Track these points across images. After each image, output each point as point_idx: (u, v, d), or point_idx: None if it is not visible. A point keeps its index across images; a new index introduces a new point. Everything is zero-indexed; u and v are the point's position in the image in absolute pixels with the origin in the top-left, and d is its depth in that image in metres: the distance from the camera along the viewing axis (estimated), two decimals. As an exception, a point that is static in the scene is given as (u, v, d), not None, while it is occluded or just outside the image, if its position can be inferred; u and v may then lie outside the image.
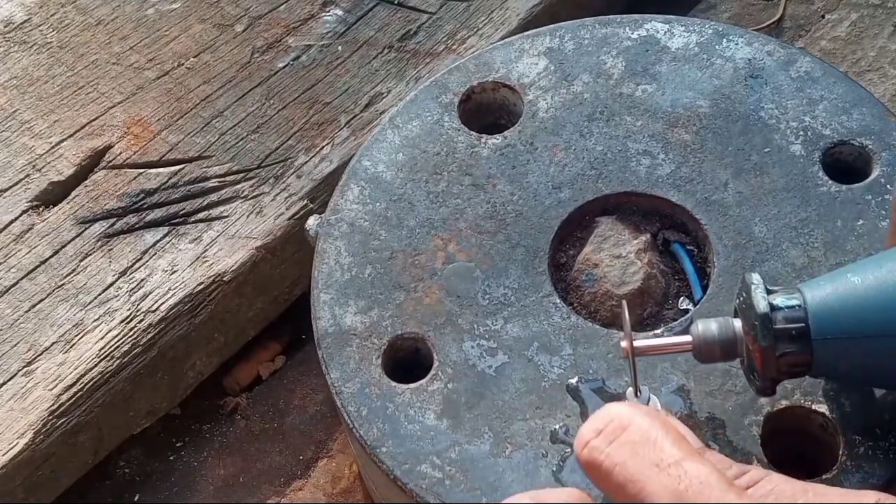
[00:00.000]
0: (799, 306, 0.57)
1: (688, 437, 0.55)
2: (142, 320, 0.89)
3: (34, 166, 0.99)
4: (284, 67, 1.05)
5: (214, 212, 0.95)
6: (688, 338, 0.61)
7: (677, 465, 0.48)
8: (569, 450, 0.64)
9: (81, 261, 0.93)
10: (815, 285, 0.59)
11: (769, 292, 0.58)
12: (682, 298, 0.72)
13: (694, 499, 0.47)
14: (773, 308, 0.57)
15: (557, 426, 0.65)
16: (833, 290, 0.58)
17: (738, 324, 0.59)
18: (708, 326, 0.60)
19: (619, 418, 0.51)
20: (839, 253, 0.70)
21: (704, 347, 0.60)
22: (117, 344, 0.88)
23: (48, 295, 0.91)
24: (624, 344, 0.60)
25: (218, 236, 0.94)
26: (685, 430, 0.56)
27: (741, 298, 0.59)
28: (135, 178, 0.98)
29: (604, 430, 0.51)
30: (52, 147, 1.01)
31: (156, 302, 0.90)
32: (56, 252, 0.94)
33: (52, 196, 0.98)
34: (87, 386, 0.86)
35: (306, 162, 0.98)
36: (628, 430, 0.50)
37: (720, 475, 0.49)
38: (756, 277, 0.59)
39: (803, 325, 0.57)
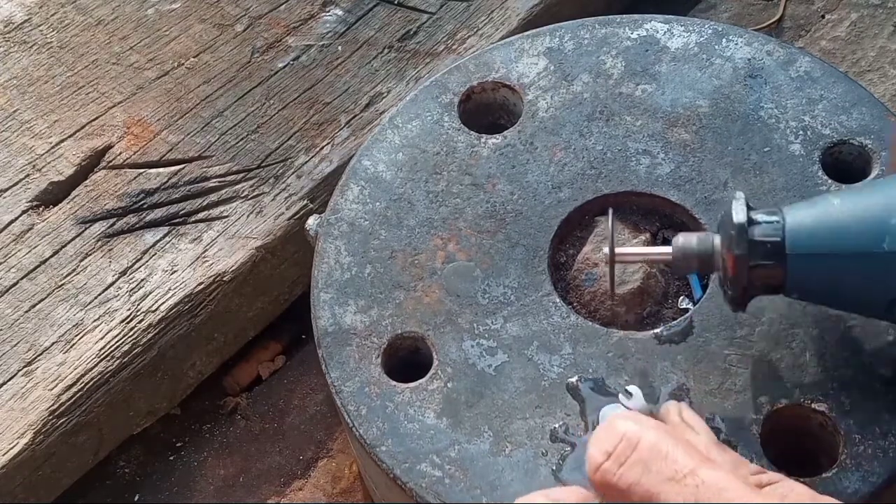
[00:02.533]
0: (777, 222, 0.58)
1: (702, 432, 0.55)
2: (142, 320, 0.89)
3: (34, 166, 0.99)
4: (284, 67, 1.05)
5: (214, 212, 0.96)
6: (668, 248, 0.62)
7: (693, 474, 0.48)
8: (568, 448, 0.64)
9: (81, 261, 0.93)
10: (797, 206, 0.60)
11: (751, 209, 0.59)
12: (681, 297, 0.72)
13: None
14: (752, 222, 0.58)
15: (557, 425, 0.65)
16: (812, 210, 0.59)
17: (718, 239, 0.60)
18: (688, 239, 0.61)
19: (626, 438, 0.50)
20: (839, 252, 0.70)
21: (682, 258, 0.61)
22: (117, 344, 0.88)
23: (48, 295, 0.91)
24: (605, 249, 0.62)
25: (218, 236, 0.94)
26: (699, 423, 0.56)
27: (723, 212, 0.60)
28: (135, 178, 0.98)
29: (613, 451, 0.50)
30: (52, 147, 1.01)
31: (156, 302, 0.90)
32: (56, 252, 0.94)
33: (52, 196, 0.98)
34: (87, 386, 0.86)
35: (306, 162, 0.98)
36: (638, 449, 0.50)
37: (736, 477, 0.48)
38: (740, 194, 0.60)
39: (779, 239, 0.58)
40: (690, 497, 0.47)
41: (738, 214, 0.58)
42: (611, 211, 0.64)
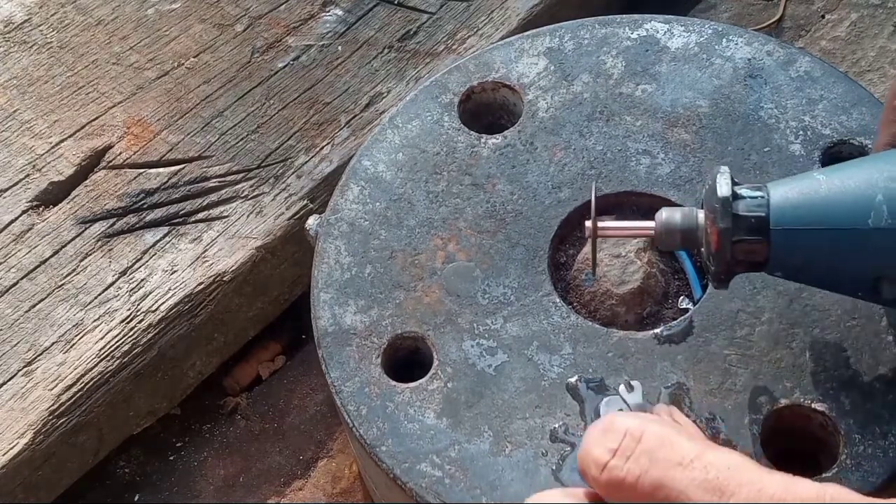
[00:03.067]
0: (762, 197, 0.58)
1: (694, 433, 0.55)
2: (142, 320, 0.89)
3: (34, 166, 0.99)
4: (284, 67, 1.05)
5: (214, 212, 0.96)
6: (651, 223, 0.61)
7: (699, 458, 0.48)
8: (568, 448, 0.64)
9: (81, 261, 0.93)
10: (782, 182, 0.59)
11: (736, 184, 0.59)
12: (681, 297, 0.72)
13: (727, 484, 0.47)
14: (736, 196, 0.58)
15: (557, 425, 0.65)
16: (797, 186, 0.58)
17: (701, 214, 0.60)
18: (672, 214, 0.61)
19: (629, 433, 0.50)
20: (839, 252, 0.70)
21: (666, 233, 0.61)
22: (117, 344, 0.88)
23: (48, 295, 0.91)
24: (588, 223, 0.62)
25: (218, 236, 0.94)
26: (690, 425, 0.56)
27: (707, 186, 0.60)
28: (135, 178, 0.98)
29: (618, 448, 0.49)
30: (52, 147, 1.01)
31: (156, 302, 0.90)
32: (56, 252, 0.94)
33: (52, 196, 0.98)
34: (87, 386, 0.86)
35: (306, 162, 0.98)
36: (642, 441, 0.49)
37: (744, 457, 0.49)
38: (724, 168, 0.59)
39: (763, 214, 0.57)
40: (700, 478, 0.47)
41: (723, 188, 0.58)
42: (594, 185, 0.65)
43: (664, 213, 0.61)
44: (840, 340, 0.66)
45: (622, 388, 0.62)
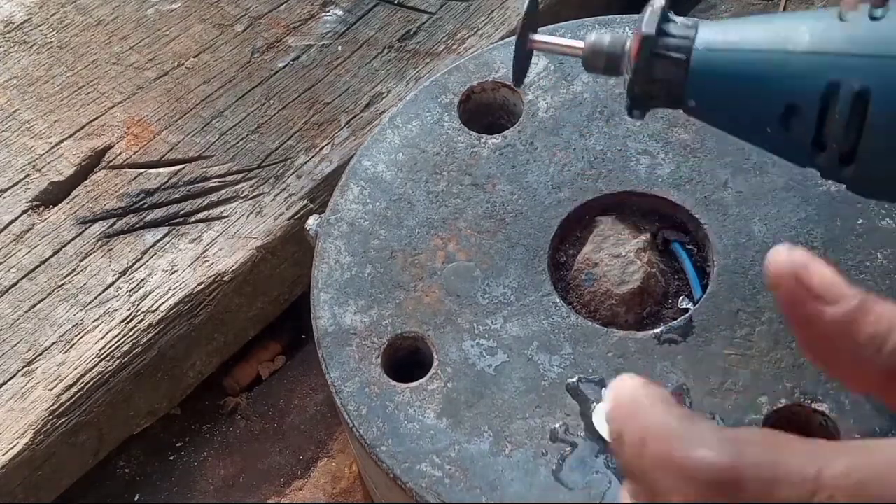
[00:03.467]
0: (691, 26, 0.59)
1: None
2: (142, 320, 0.89)
3: (34, 166, 0.99)
4: (284, 67, 1.05)
5: (214, 212, 0.96)
6: (581, 43, 0.63)
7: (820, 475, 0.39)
8: (568, 448, 0.64)
9: (81, 261, 0.93)
10: (719, 21, 0.61)
11: (671, 13, 0.60)
12: (681, 298, 0.72)
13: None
14: (666, 19, 0.59)
15: (557, 425, 0.65)
16: (730, 22, 0.60)
17: (629, 41, 0.61)
18: (601, 36, 0.62)
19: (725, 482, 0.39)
20: (839, 252, 0.70)
21: (592, 54, 0.62)
22: (117, 344, 0.88)
23: (48, 295, 0.91)
24: (515, 37, 0.63)
25: (218, 236, 0.94)
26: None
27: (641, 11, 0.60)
28: (135, 178, 0.98)
29: None
30: (52, 147, 1.01)
31: (156, 302, 0.90)
32: (56, 252, 0.94)
33: (52, 196, 0.98)
34: (87, 386, 0.86)
35: (306, 162, 0.98)
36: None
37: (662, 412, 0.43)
38: None
39: (688, 36, 0.58)
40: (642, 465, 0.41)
41: (655, 4, 0.59)
42: None
43: (593, 35, 0.62)
44: (840, 340, 0.66)
45: (604, 391, 0.62)
